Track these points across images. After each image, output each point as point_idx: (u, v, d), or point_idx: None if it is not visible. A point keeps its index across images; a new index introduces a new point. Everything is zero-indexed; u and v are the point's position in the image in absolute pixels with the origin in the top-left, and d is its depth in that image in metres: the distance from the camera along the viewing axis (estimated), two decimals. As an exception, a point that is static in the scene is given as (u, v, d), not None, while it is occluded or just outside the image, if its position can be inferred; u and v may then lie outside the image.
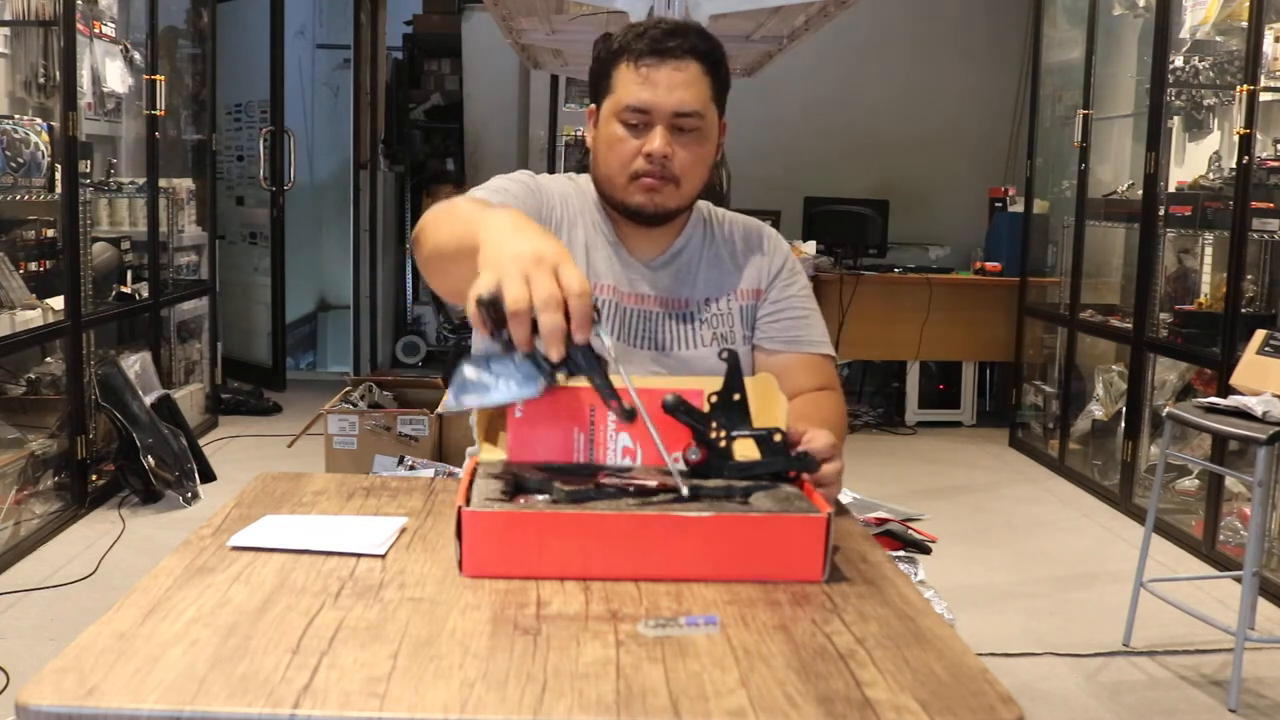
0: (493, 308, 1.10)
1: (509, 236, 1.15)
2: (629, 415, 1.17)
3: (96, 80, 4.61)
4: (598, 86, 1.67)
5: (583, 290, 1.10)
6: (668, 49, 1.59)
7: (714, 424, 1.29)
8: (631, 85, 1.60)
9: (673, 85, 1.58)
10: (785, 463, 1.27)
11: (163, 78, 4.85)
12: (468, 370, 1.17)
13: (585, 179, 1.75)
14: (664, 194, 1.62)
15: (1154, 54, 4.42)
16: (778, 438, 1.27)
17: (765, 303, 1.74)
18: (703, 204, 1.79)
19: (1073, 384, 5.20)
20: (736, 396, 1.29)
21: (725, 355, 1.31)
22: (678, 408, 1.27)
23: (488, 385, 1.16)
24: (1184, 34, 4.33)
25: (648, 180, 1.61)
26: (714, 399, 1.29)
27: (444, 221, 1.36)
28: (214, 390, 5.67)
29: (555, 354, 1.10)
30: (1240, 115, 3.71)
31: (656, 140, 1.59)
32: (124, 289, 4.63)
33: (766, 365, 1.71)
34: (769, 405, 1.35)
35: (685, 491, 1.18)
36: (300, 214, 7.23)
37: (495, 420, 1.41)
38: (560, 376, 1.14)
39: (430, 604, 1.05)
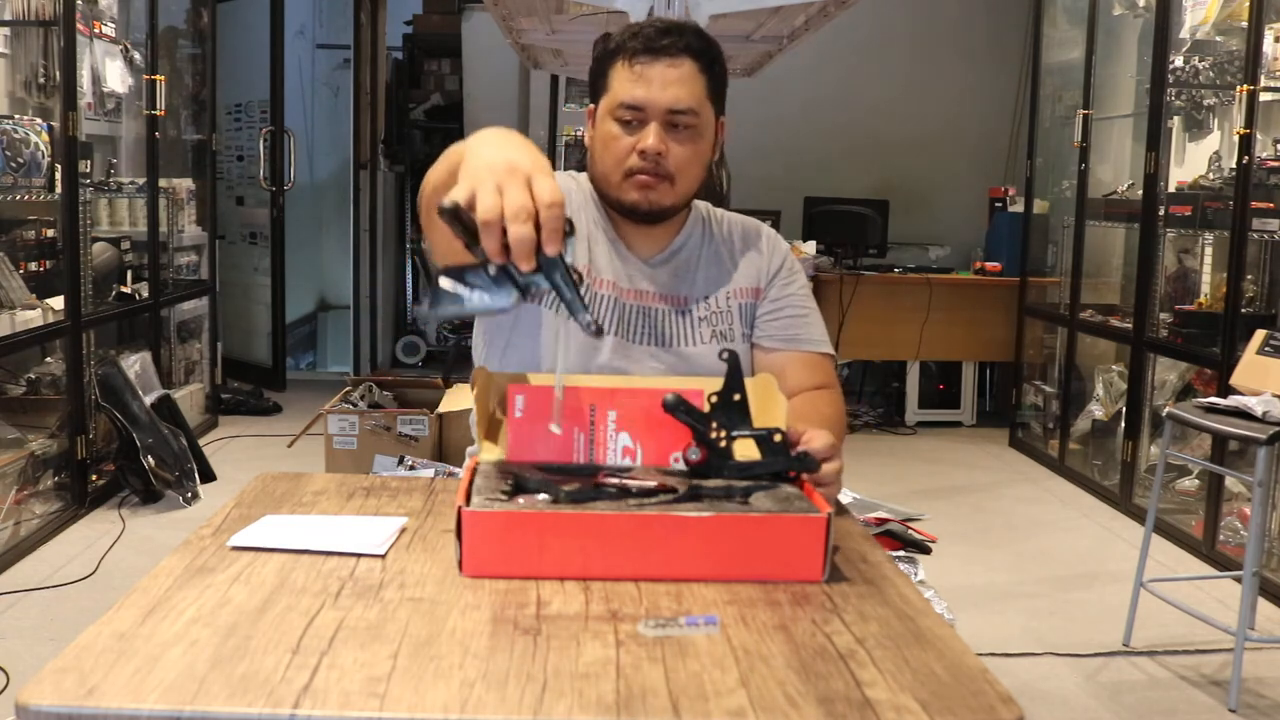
0: (455, 216, 1.09)
1: (488, 147, 1.16)
2: (598, 330, 1.17)
3: (96, 80, 4.61)
4: (595, 86, 1.68)
5: (554, 201, 1.10)
6: (661, 47, 1.60)
7: (714, 424, 1.29)
8: (626, 83, 1.61)
9: (666, 82, 1.59)
10: (785, 463, 1.27)
11: (163, 78, 4.85)
12: (443, 281, 1.15)
13: (585, 177, 1.75)
14: (659, 191, 1.63)
15: (1154, 54, 4.42)
16: (778, 438, 1.28)
17: (764, 301, 1.74)
18: (701, 204, 1.79)
19: (1073, 384, 5.20)
20: (737, 397, 1.29)
21: (725, 356, 1.31)
22: (678, 407, 1.27)
23: (462, 296, 1.15)
24: (1184, 34, 4.33)
25: (642, 177, 1.62)
26: (714, 399, 1.29)
27: (442, 161, 1.36)
28: (214, 390, 5.67)
29: (525, 265, 1.10)
30: (1240, 115, 3.71)
31: (650, 137, 1.60)
32: (124, 289, 4.63)
33: (765, 363, 1.71)
34: (769, 405, 1.35)
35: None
36: (300, 214, 7.23)
37: (495, 420, 1.41)
38: (533, 290, 1.13)
39: (430, 604, 1.05)
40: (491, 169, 1.11)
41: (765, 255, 1.77)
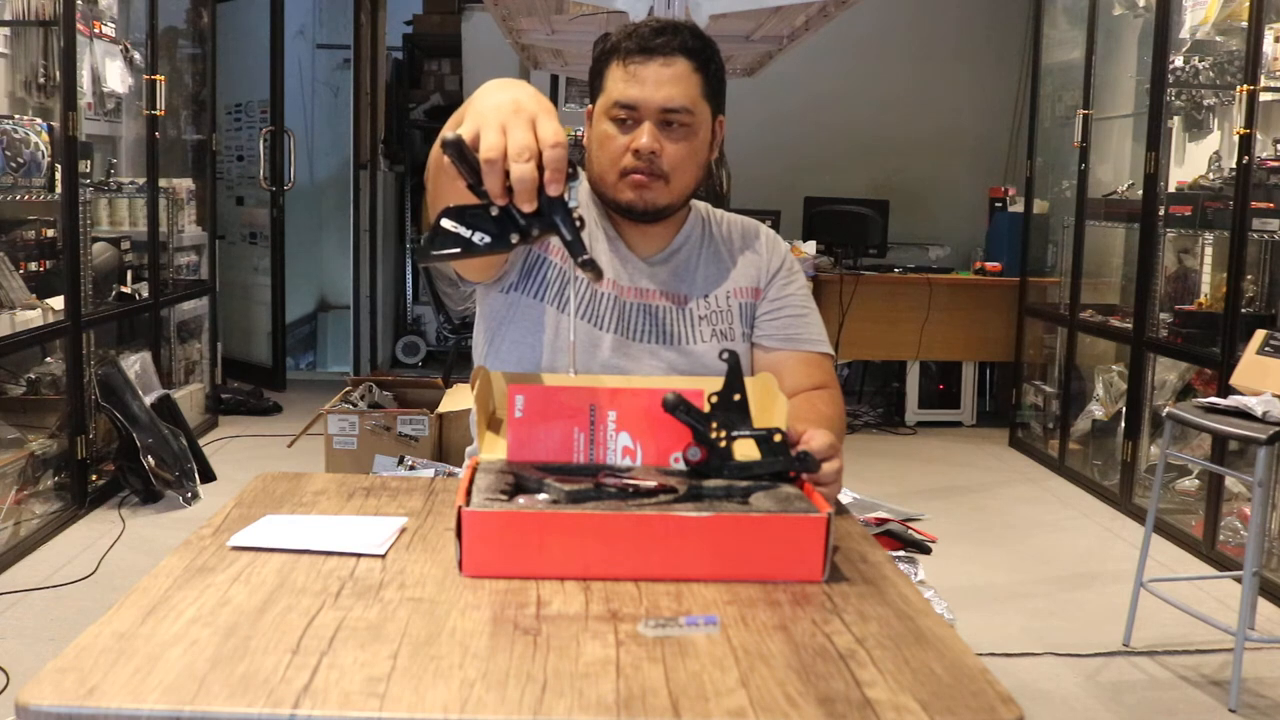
0: (460, 152, 1.09)
1: (493, 91, 1.16)
2: (598, 272, 1.17)
3: (96, 80, 4.61)
4: (593, 86, 1.69)
5: (557, 141, 1.10)
6: (655, 46, 1.60)
7: (714, 424, 1.29)
8: (620, 82, 1.61)
9: (660, 82, 1.59)
10: (785, 463, 1.27)
11: (163, 78, 4.86)
12: (444, 221, 1.15)
13: (584, 176, 1.76)
14: (653, 190, 1.63)
15: (1154, 54, 4.42)
16: (777, 438, 1.28)
17: (764, 301, 1.75)
18: (701, 204, 1.79)
19: (1073, 384, 5.20)
20: (737, 397, 1.29)
21: (725, 356, 1.31)
22: (678, 407, 1.27)
23: (463, 235, 1.14)
24: (1184, 34, 4.33)
25: (637, 177, 1.62)
26: (714, 399, 1.29)
27: (451, 120, 1.36)
28: (214, 390, 5.67)
29: (527, 205, 1.10)
30: (1240, 115, 3.71)
31: (644, 136, 1.60)
32: (124, 289, 4.63)
33: (765, 363, 1.71)
34: (769, 405, 1.35)
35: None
36: (300, 214, 7.23)
37: (495, 420, 1.41)
38: (535, 231, 1.13)
39: (430, 604, 1.05)
40: (497, 109, 1.12)
41: (765, 255, 1.77)
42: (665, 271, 1.71)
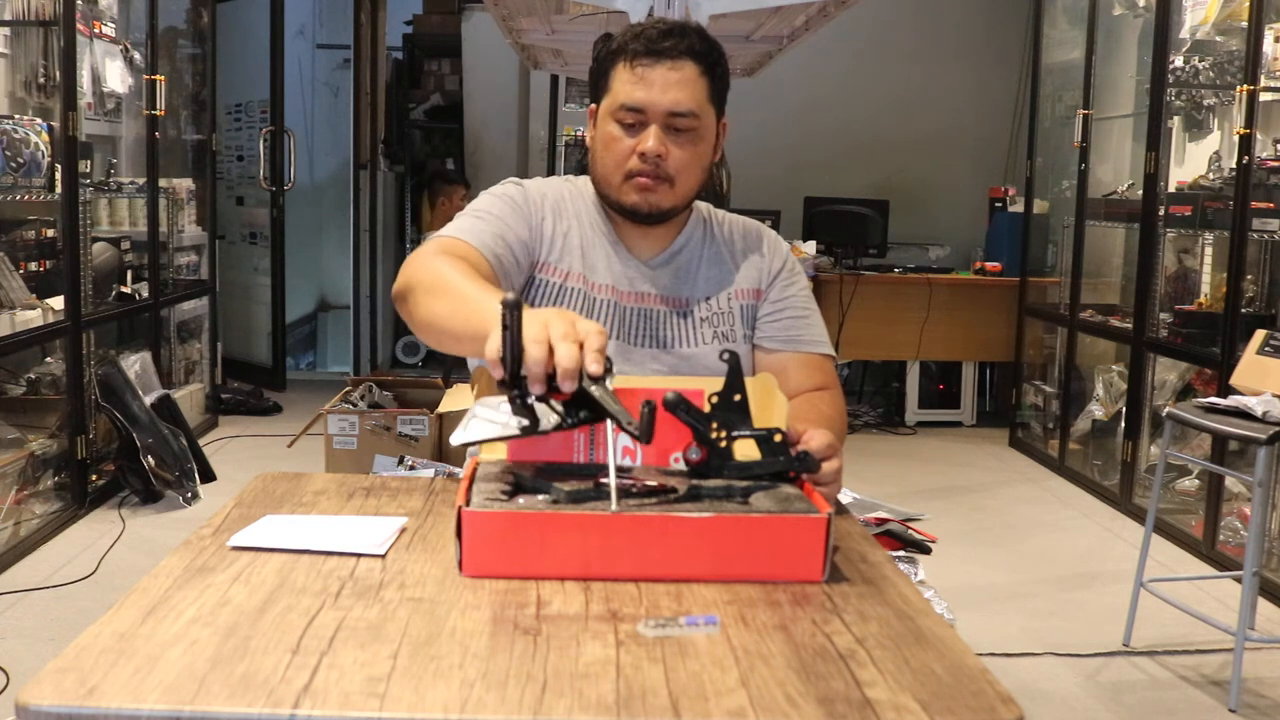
0: (514, 312, 1.11)
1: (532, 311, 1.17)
2: (646, 436, 1.18)
3: (96, 80, 4.61)
4: (597, 87, 1.68)
5: (599, 329, 1.14)
6: (663, 49, 1.59)
7: (714, 424, 1.29)
8: (627, 85, 1.60)
9: (667, 85, 1.59)
10: (785, 463, 1.27)
11: (163, 78, 4.86)
12: (479, 409, 1.19)
13: (584, 180, 1.75)
14: (658, 193, 1.62)
15: (1154, 54, 4.42)
16: (778, 438, 1.28)
17: (765, 302, 1.74)
18: (702, 205, 1.79)
19: (1073, 384, 5.20)
20: (737, 397, 1.29)
21: (726, 356, 1.31)
22: (678, 406, 1.27)
23: (498, 422, 1.17)
24: (1184, 34, 4.33)
25: (642, 180, 1.61)
26: (714, 399, 1.29)
27: (441, 297, 1.38)
28: (214, 390, 5.67)
29: (569, 385, 1.11)
30: (1240, 115, 3.71)
31: (650, 139, 1.59)
32: (124, 289, 4.63)
33: (766, 364, 1.71)
34: (769, 405, 1.35)
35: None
36: (300, 214, 7.23)
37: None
38: (569, 420, 1.16)
39: (430, 604, 1.05)
40: (536, 314, 1.14)
41: (766, 257, 1.77)
42: (666, 274, 1.71)
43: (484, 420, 1.17)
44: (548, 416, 1.15)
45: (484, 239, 1.57)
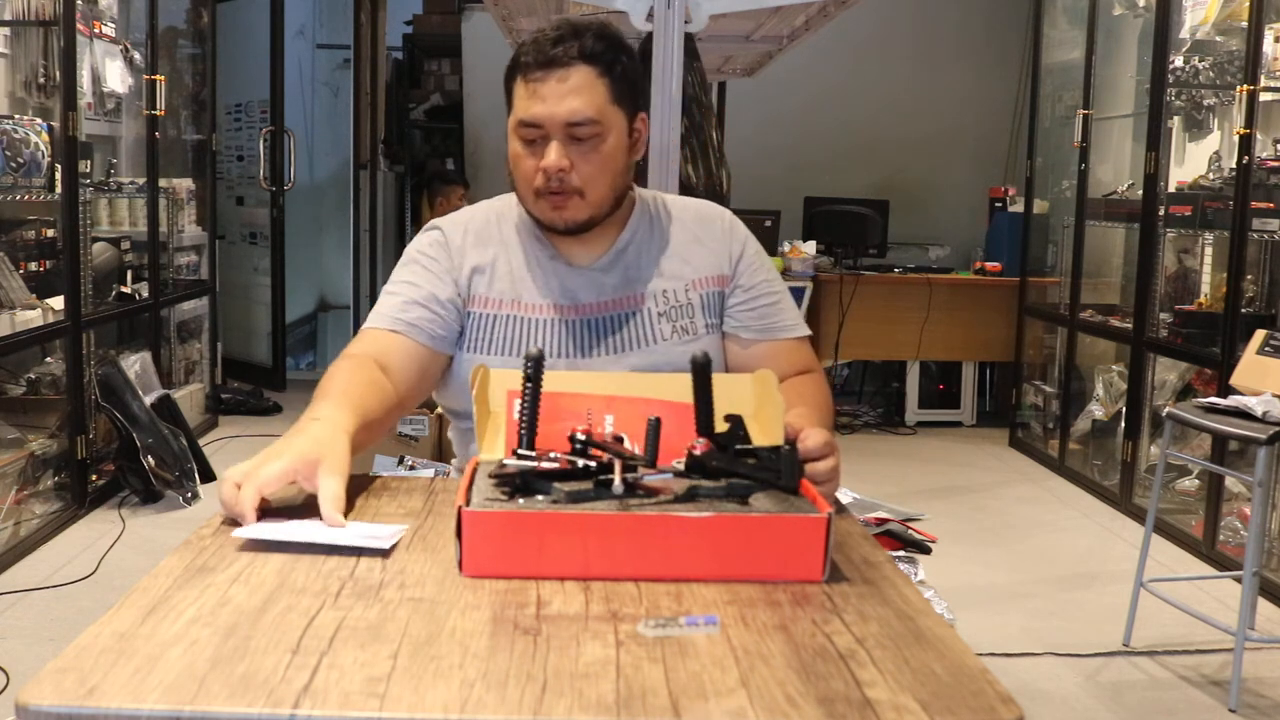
0: (537, 368, 1.24)
1: None
2: (653, 460, 1.23)
3: (96, 80, 4.61)
4: (506, 102, 1.62)
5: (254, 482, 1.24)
6: (553, 57, 1.54)
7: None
8: (523, 100, 1.55)
9: (560, 95, 1.53)
10: (787, 480, 1.25)
11: (163, 78, 4.86)
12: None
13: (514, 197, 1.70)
14: (570, 208, 1.58)
15: (1154, 54, 4.42)
16: (784, 449, 1.27)
17: (735, 290, 1.70)
18: (647, 193, 1.74)
19: (1073, 384, 5.21)
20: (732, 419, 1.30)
21: (699, 355, 1.31)
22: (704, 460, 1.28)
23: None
24: (1184, 34, 4.33)
25: (552, 197, 1.57)
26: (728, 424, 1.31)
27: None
28: (214, 390, 5.68)
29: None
30: (1240, 115, 3.71)
31: (551, 154, 1.54)
32: (124, 289, 4.63)
33: (744, 355, 1.68)
34: (767, 404, 1.35)
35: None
36: (300, 214, 7.23)
37: (495, 420, 1.41)
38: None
39: (430, 604, 1.05)
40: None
41: (725, 241, 1.71)
42: (614, 276, 1.66)
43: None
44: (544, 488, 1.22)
45: (393, 314, 1.61)
